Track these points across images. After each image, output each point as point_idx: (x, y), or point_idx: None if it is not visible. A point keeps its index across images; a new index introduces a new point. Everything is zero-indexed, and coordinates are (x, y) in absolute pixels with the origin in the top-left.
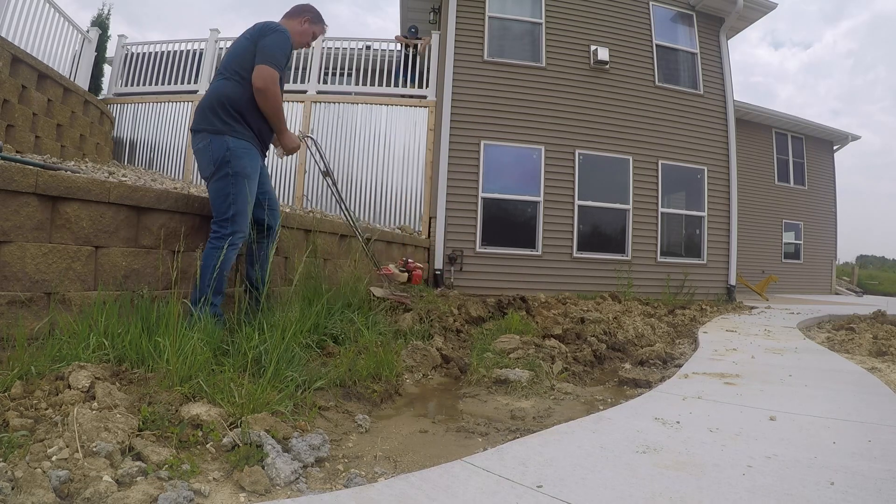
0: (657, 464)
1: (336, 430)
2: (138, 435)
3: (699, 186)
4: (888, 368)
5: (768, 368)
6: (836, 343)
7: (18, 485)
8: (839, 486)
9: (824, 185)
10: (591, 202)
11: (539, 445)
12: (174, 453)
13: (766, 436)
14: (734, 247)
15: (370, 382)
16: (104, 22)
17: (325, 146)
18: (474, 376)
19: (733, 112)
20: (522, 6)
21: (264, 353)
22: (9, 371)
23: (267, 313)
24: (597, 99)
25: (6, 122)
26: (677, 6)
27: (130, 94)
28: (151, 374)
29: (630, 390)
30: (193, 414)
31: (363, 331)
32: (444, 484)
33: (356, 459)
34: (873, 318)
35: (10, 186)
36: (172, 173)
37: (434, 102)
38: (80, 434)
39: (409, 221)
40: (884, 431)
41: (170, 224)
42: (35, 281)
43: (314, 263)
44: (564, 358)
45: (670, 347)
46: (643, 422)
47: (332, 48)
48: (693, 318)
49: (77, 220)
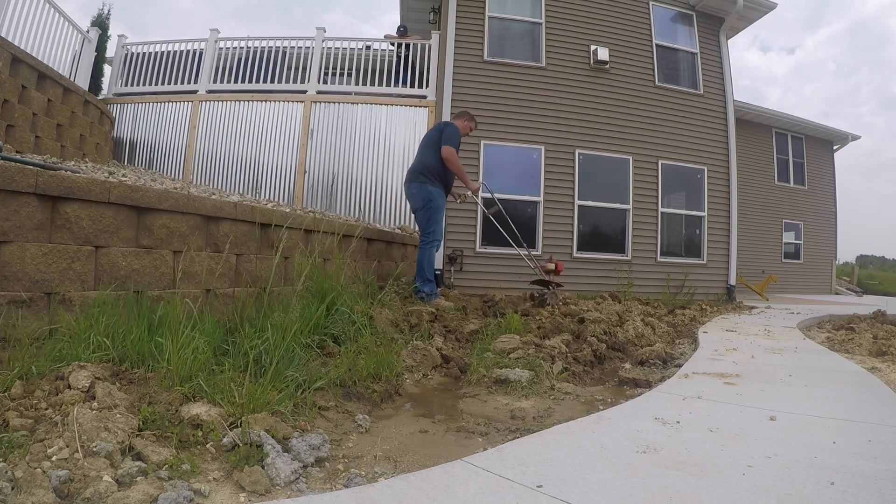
0: (657, 463)
1: (336, 430)
2: (138, 435)
3: (699, 186)
4: (888, 368)
5: (768, 368)
6: (836, 343)
7: (18, 485)
8: (839, 486)
9: (824, 185)
10: (592, 202)
11: (539, 445)
12: (174, 453)
13: (767, 436)
14: (734, 247)
15: (370, 382)
16: (104, 22)
17: (325, 146)
18: (474, 376)
19: (733, 112)
20: (522, 6)
21: (264, 353)
22: (9, 371)
23: (267, 312)
24: (597, 99)
25: (6, 122)
26: (677, 6)
27: (130, 94)
28: (152, 374)
29: (630, 390)
30: (193, 414)
31: (363, 331)
32: (444, 484)
33: (356, 459)
34: (873, 318)
35: (10, 186)
36: (172, 173)
37: (434, 102)
38: (80, 434)
39: (409, 221)
40: (884, 431)
41: (170, 224)
42: (35, 281)
43: (314, 263)
44: (564, 358)
45: (670, 347)
46: (643, 422)
47: (331, 48)
48: (693, 317)
49: (77, 220)
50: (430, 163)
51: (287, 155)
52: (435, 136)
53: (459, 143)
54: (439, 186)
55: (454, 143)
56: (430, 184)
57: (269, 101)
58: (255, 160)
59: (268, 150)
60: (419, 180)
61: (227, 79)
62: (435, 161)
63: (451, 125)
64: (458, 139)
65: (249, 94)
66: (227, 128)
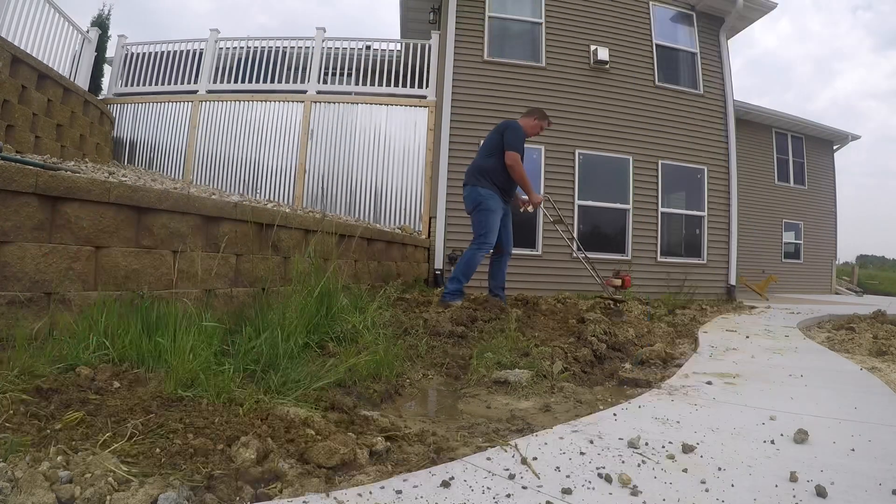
0: (658, 463)
1: None
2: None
3: (699, 186)
4: (888, 368)
5: (768, 368)
6: (837, 343)
7: (18, 485)
8: (839, 486)
9: (824, 184)
10: (592, 202)
11: (539, 445)
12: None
13: (767, 435)
14: (734, 246)
15: (370, 382)
16: (104, 22)
17: (325, 146)
18: (474, 376)
19: (733, 112)
20: (522, 6)
21: (266, 354)
22: (9, 371)
23: (267, 312)
24: (597, 99)
25: (6, 122)
26: (677, 6)
27: (130, 94)
28: (152, 374)
29: (630, 390)
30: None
31: (363, 332)
32: (444, 483)
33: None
34: (873, 318)
35: (10, 186)
36: (172, 173)
37: (434, 102)
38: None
39: (409, 221)
40: (884, 431)
41: (170, 224)
42: (35, 281)
43: (314, 263)
44: (564, 358)
45: (670, 347)
46: (643, 422)
47: (332, 48)
48: (693, 317)
49: (77, 220)
50: (485, 165)
51: (287, 155)
52: (494, 139)
53: (524, 145)
54: (491, 188)
55: (517, 148)
56: (482, 186)
57: (269, 101)
58: (255, 160)
59: (268, 151)
60: (471, 183)
61: (227, 79)
62: (490, 163)
63: (511, 126)
64: (523, 142)
65: (249, 94)
66: (228, 128)
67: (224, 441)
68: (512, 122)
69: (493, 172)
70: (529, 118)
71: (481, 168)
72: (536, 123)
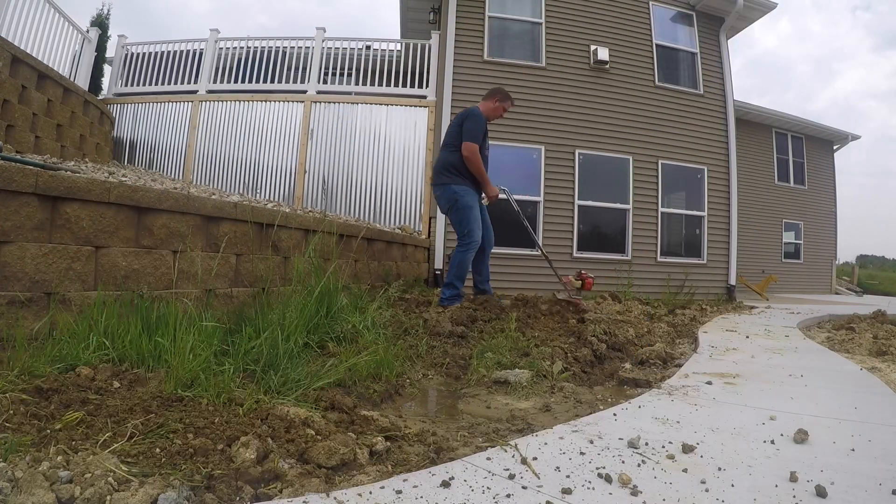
0: (657, 463)
1: None
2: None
3: (699, 186)
4: (888, 368)
5: (768, 368)
6: (837, 343)
7: (18, 485)
8: (839, 486)
9: (824, 184)
10: (592, 202)
11: (539, 445)
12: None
13: (767, 435)
14: (734, 246)
15: (370, 382)
16: (104, 22)
17: (325, 146)
18: (474, 376)
19: (733, 112)
20: (522, 6)
21: (265, 355)
22: (9, 371)
23: (267, 312)
24: (597, 99)
25: (6, 122)
26: (677, 6)
27: (130, 94)
28: (152, 374)
29: (630, 390)
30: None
31: (363, 332)
32: (444, 483)
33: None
34: (873, 318)
35: (10, 186)
36: (172, 173)
37: (434, 102)
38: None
39: (409, 221)
40: (884, 431)
41: (170, 224)
42: (35, 281)
43: (314, 263)
44: (564, 358)
45: (670, 347)
46: (643, 422)
47: (331, 48)
48: (693, 317)
49: (77, 220)
50: (450, 160)
51: (287, 155)
52: (454, 131)
53: (483, 133)
54: (464, 183)
55: (474, 138)
56: (453, 182)
57: (269, 101)
58: (255, 160)
59: (268, 151)
60: (441, 181)
61: (227, 79)
62: (456, 157)
63: (471, 115)
64: (480, 130)
65: (249, 94)
66: (228, 128)
67: (224, 441)
68: (472, 110)
69: (463, 165)
70: (490, 100)
71: (449, 163)
72: (498, 105)
